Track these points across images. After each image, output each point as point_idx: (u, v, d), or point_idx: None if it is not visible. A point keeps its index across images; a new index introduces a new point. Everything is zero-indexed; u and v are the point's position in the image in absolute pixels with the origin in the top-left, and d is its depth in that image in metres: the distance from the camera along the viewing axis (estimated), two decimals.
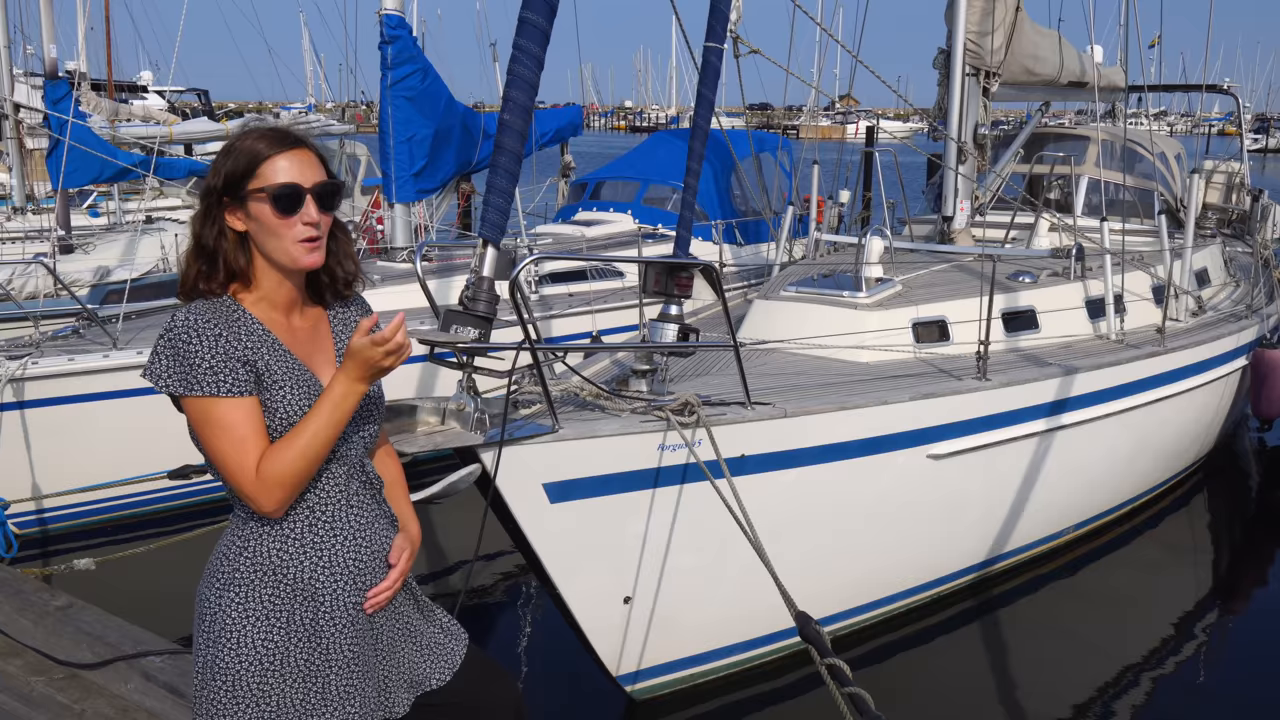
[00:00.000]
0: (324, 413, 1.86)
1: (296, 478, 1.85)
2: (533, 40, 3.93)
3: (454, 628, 2.24)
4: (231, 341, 1.85)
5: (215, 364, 1.82)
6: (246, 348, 1.87)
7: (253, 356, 1.88)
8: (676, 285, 4.44)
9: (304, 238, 1.89)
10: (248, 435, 1.83)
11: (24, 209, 11.49)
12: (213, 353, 1.82)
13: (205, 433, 1.85)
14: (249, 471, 1.83)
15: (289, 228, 1.88)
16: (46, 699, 3.44)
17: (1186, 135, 25.78)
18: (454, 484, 3.84)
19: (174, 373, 1.83)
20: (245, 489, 1.84)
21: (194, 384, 1.82)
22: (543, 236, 10.04)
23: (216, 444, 1.84)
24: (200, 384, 1.82)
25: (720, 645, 5.06)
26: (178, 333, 1.83)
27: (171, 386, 1.83)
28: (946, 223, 7.96)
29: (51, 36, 10.92)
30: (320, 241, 1.92)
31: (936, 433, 5.24)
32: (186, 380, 1.82)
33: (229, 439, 1.83)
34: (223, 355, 1.83)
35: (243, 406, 1.84)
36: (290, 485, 1.85)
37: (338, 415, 1.86)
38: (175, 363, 1.82)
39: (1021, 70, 8.39)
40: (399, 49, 8.57)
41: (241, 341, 1.87)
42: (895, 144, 8.88)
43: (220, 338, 1.84)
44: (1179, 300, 7.35)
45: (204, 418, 1.84)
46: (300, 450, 1.84)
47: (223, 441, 1.83)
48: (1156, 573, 6.60)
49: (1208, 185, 10.67)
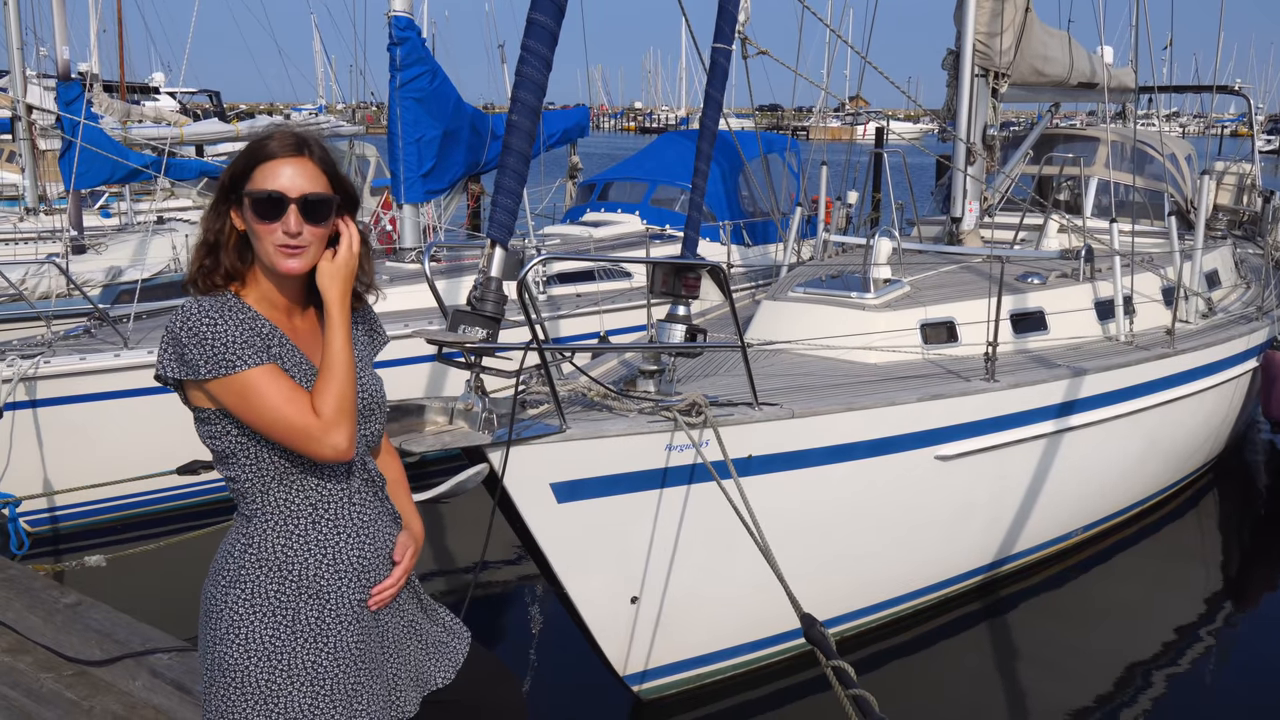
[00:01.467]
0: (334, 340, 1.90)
1: (351, 406, 1.88)
2: (541, 41, 3.94)
3: (457, 626, 2.25)
4: (245, 324, 1.88)
5: (243, 338, 1.84)
6: (259, 334, 1.90)
7: (266, 342, 1.90)
8: (684, 286, 4.44)
9: (282, 245, 1.90)
10: (294, 388, 1.86)
11: (37, 210, 11.57)
12: (238, 328, 1.85)
13: (254, 404, 1.83)
14: (309, 415, 1.84)
15: (269, 233, 1.89)
16: (55, 695, 3.46)
17: (1199, 136, 25.66)
18: (461, 483, 3.85)
19: (207, 359, 1.82)
20: (312, 431, 1.84)
21: (231, 362, 1.82)
22: (551, 237, 10.06)
23: (265, 407, 1.83)
24: (237, 360, 1.82)
25: (727, 646, 5.06)
26: (196, 322, 1.83)
27: (209, 372, 1.82)
28: (955, 224, 7.94)
29: (64, 38, 10.97)
30: (301, 251, 1.91)
31: (944, 434, 5.23)
32: (221, 361, 1.82)
33: (282, 397, 1.83)
34: (246, 330, 1.86)
35: (276, 370, 1.86)
36: (350, 414, 1.88)
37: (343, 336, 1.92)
38: (204, 350, 1.82)
39: (1031, 71, 8.37)
40: (408, 50, 8.60)
41: (253, 327, 1.89)
42: (904, 145, 8.87)
43: (232, 321, 1.86)
44: (1189, 302, 7.33)
45: (247, 390, 1.83)
46: (339, 382, 1.88)
47: (276, 401, 1.83)
48: (1165, 575, 6.57)
49: (1219, 187, 10.65)
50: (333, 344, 1.90)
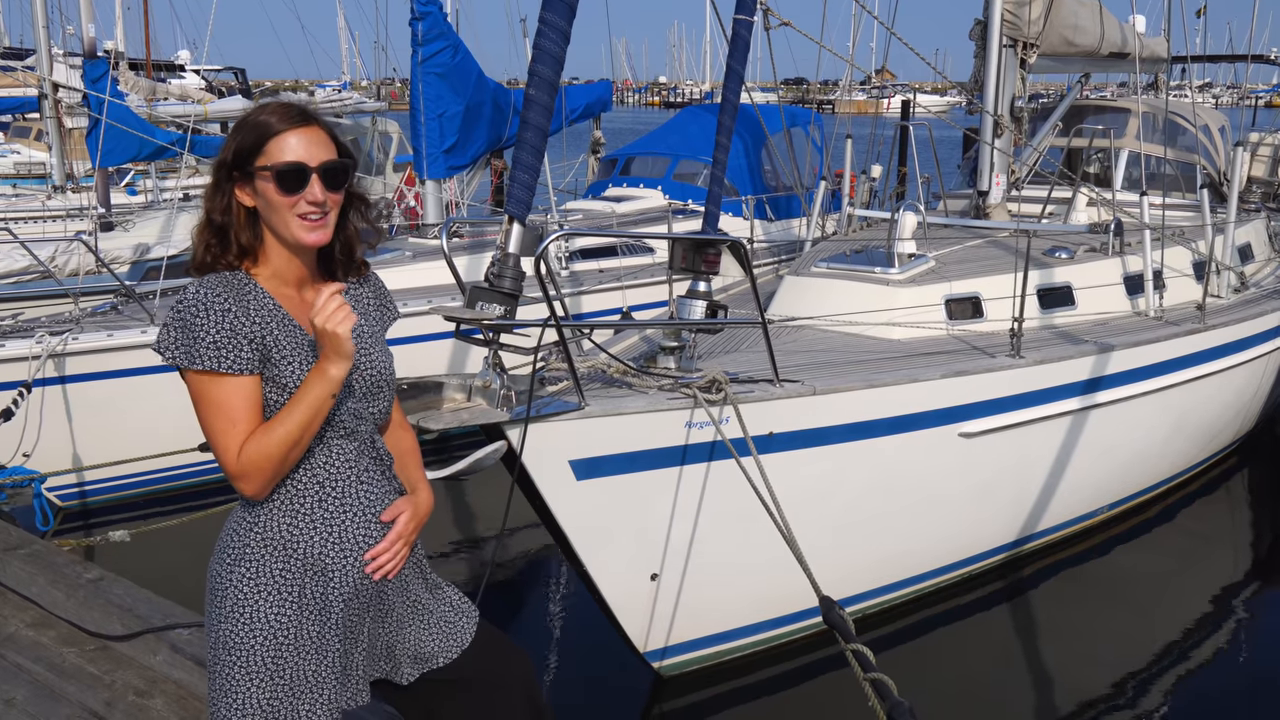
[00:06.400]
0: (304, 398, 1.86)
1: (276, 463, 1.85)
2: (559, 14, 3.89)
3: (464, 605, 2.24)
4: (240, 318, 1.85)
5: (219, 339, 1.83)
6: (255, 323, 1.88)
7: (261, 332, 1.88)
8: (704, 262, 4.40)
9: (305, 214, 1.88)
10: (239, 417, 1.84)
11: (64, 187, 11.66)
12: (218, 328, 1.83)
13: (200, 407, 1.86)
14: (232, 453, 1.84)
15: (292, 205, 1.87)
16: (78, 670, 3.50)
17: (1232, 107, 25.18)
18: (480, 460, 3.84)
19: (179, 344, 1.84)
20: (228, 469, 1.85)
21: (196, 358, 1.83)
22: (573, 213, 10.02)
23: (209, 420, 1.85)
24: (202, 358, 1.82)
25: (747, 623, 5.05)
26: (187, 306, 1.84)
27: (175, 358, 1.85)
28: (982, 197, 7.83)
29: (90, 16, 11.02)
30: (324, 219, 1.91)
31: (968, 411, 5.17)
32: (190, 353, 1.83)
33: (222, 417, 1.84)
34: (228, 332, 1.83)
35: (241, 387, 1.85)
36: (270, 471, 1.85)
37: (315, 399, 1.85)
38: (181, 335, 1.84)
39: (1061, 41, 8.20)
40: (429, 25, 8.57)
41: (250, 317, 1.87)
42: (930, 118, 8.75)
43: (229, 314, 1.84)
44: (1220, 276, 7.20)
45: (201, 392, 1.85)
46: (281, 437, 1.84)
47: (215, 418, 1.84)
48: (1192, 554, 6.49)
49: (1253, 158, 10.44)
50: (304, 396, 1.85)
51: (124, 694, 3.35)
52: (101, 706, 3.29)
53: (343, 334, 1.82)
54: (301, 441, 1.87)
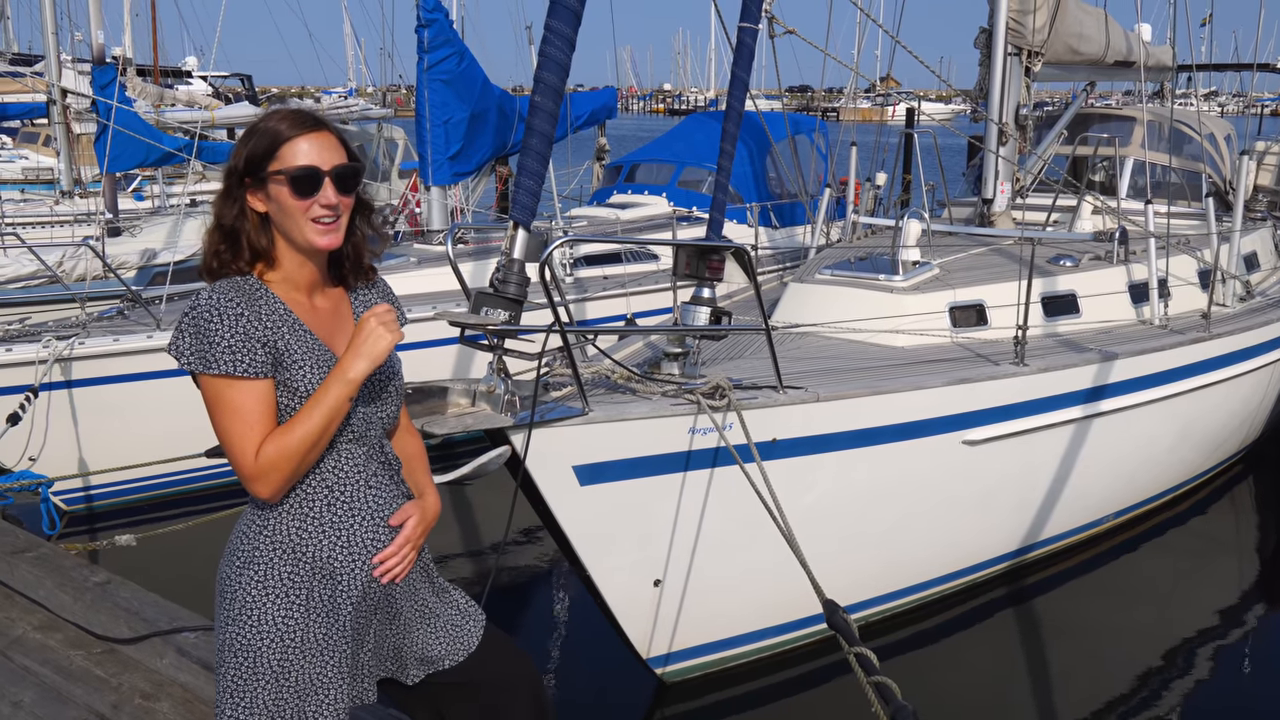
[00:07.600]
0: (323, 400, 1.87)
1: (295, 464, 1.87)
2: (564, 21, 3.92)
3: (471, 609, 2.25)
4: (252, 322, 1.87)
5: (234, 343, 1.84)
6: (267, 328, 1.89)
7: (273, 337, 1.89)
8: (708, 268, 4.41)
9: (319, 218, 1.90)
10: (255, 420, 1.86)
11: (71, 192, 11.70)
12: (232, 332, 1.85)
13: (215, 411, 1.87)
14: (249, 455, 1.85)
15: (305, 209, 1.89)
16: (85, 672, 3.51)
17: (1238, 116, 25.16)
18: (484, 465, 3.86)
19: (194, 349, 1.85)
20: (244, 471, 1.86)
21: (211, 362, 1.84)
22: (577, 219, 10.04)
23: (225, 423, 1.86)
24: (217, 362, 1.84)
25: (751, 629, 5.05)
26: (201, 311, 1.86)
27: (190, 363, 1.86)
28: (986, 205, 7.84)
29: (99, 23, 11.05)
30: (337, 224, 1.93)
31: (972, 418, 5.17)
32: (205, 358, 1.84)
33: (238, 420, 1.85)
34: (242, 335, 1.85)
35: (255, 389, 1.86)
36: (288, 471, 1.87)
37: (335, 400, 1.88)
38: (196, 340, 1.85)
39: (1065, 49, 8.21)
40: (435, 32, 8.60)
41: (262, 322, 1.89)
42: (935, 126, 8.76)
43: (241, 318, 1.86)
44: (1226, 285, 7.19)
45: (216, 396, 1.86)
46: (301, 437, 1.86)
47: (232, 421, 1.85)
48: (1197, 563, 6.48)
49: (1259, 167, 10.42)
50: (323, 397, 1.87)
51: (130, 697, 3.36)
52: (108, 709, 3.30)
53: (388, 343, 1.88)
54: (320, 442, 1.88)
